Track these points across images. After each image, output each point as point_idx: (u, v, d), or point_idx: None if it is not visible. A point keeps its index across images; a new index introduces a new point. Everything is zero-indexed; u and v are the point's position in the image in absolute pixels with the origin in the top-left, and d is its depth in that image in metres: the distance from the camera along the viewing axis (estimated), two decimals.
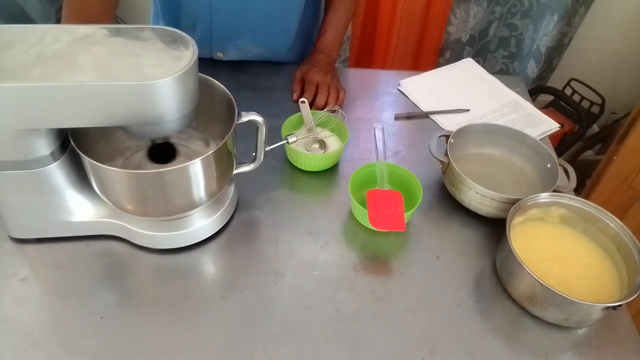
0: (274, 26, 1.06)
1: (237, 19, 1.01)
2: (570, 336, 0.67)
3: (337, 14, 1.08)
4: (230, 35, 1.04)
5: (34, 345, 0.62)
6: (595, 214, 0.73)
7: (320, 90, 0.98)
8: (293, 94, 1.02)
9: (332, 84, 1.00)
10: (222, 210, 0.74)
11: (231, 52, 1.07)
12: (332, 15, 1.08)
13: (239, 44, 1.06)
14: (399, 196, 0.76)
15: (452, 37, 1.93)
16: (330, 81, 1.00)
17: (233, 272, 0.72)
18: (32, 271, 0.70)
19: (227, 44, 1.06)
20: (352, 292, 0.70)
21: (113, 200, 0.67)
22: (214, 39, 1.04)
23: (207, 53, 1.07)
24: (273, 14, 1.03)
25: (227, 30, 1.03)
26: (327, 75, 1.00)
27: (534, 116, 1.04)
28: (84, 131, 0.65)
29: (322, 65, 1.03)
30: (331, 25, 1.07)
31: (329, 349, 0.63)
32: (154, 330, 0.64)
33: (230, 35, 1.04)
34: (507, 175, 0.87)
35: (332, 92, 0.99)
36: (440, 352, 0.64)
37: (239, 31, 1.03)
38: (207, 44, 1.05)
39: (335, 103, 0.98)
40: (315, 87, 0.99)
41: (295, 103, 0.99)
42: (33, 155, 0.61)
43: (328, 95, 0.98)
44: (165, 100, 0.56)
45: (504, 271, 0.71)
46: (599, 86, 1.86)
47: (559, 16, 1.72)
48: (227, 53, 1.07)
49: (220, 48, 1.06)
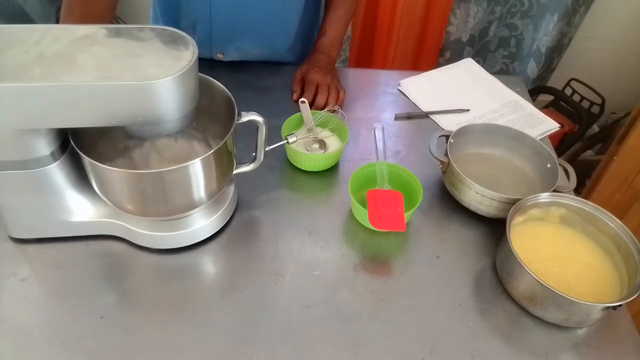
0: (274, 26, 1.05)
1: (237, 19, 1.01)
2: (570, 336, 0.67)
3: (338, 14, 1.08)
4: (230, 36, 1.04)
5: (34, 345, 0.62)
6: (595, 214, 0.73)
7: (320, 90, 0.98)
8: (293, 94, 1.02)
9: (332, 84, 1.00)
10: (222, 210, 0.74)
11: (231, 53, 1.07)
12: (332, 15, 1.08)
13: (238, 45, 1.06)
14: (399, 196, 0.76)
15: (452, 37, 1.93)
16: (330, 81, 1.00)
17: (233, 272, 0.72)
18: (32, 271, 0.70)
19: (227, 45, 1.06)
20: (352, 292, 0.70)
21: (113, 201, 0.67)
22: (213, 40, 1.04)
23: (207, 54, 1.07)
24: (273, 14, 1.03)
25: (226, 31, 1.03)
26: (327, 75, 1.00)
27: (534, 116, 1.04)
28: (84, 131, 0.65)
29: (322, 65, 1.03)
30: (331, 25, 1.07)
31: (329, 349, 0.63)
32: (154, 330, 0.64)
33: (230, 36, 1.04)
34: (507, 175, 0.87)
35: (332, 92, 0.99)
36: (440, 352, 0.64)
37: (239, 32, 1.03)
38: (207, 44, 1.05)
39: (335, 103, 0.98)
40: (316, 87, 0.99)
41: (295, 103, 0.99)
42: (33, 155, 0.61)
43: (328, 95, 0.98)
44: (165, 100, 0.56)
45: (504, 271, 0.71)
46: (599, 86, 1.86)
47: (559, 16, 1.72)
48: (227, 54, 1.07)
49: (220, 49, 1.06)
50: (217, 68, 1.08)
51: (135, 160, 0.76)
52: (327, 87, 0.99)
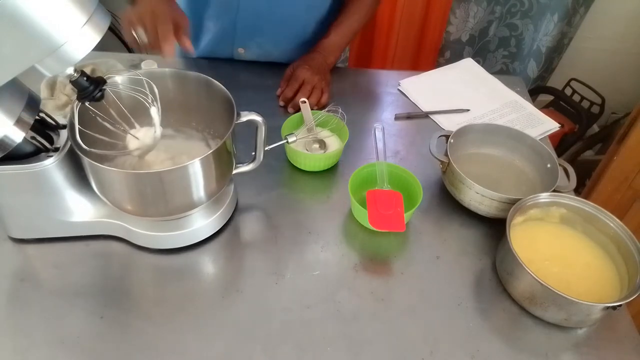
0: (297, 29, 1.06)
1: (262, 18, 1.02)
2: (570, 336, 0.67)
3: (348, 22, 1.06)
4: (253, 32, 1.04)
5: (34, 345, 0.62)
6: (595, 214, 0.73)
7: (302, 89, 0.96)
8: (279, 89, 1.00)
9: (317, 85, 0.98)
10: (221, 210, 0.74)
11: (252, 50, 1.08)
12: (342, 20, 1.06)
13: (260, 42, 1.06)
14: (399, 196, 0.76)
15: (452, 37, 1.93)
16: (317, 82, 0.98)
17: (233, 272, 0.72)
18: (32, 271, 0.70)
19: (250, 40, 1.06)
20: (352, 292, 0.70)
21: (112, 201, 0.67)
22: (237, 34, 1.05)
23: (229, 48, 1.08)
24: (297, 16, 1.04)
25: (251, 27, 1.03)
26: (315, 76, 0.98)
27: (534, 116, 1.04)
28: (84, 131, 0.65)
29: (314, 64, 1.01)
30: (337, 31, 1.05)
31: (329, 349, 0.63)
32: (154, 330, 0.64)
33: (253, 32, 1.04)
34: (507, 175, 0.87)
35: (315, 92, 0.97)
36: (440, 352, 0.64)
37: (263, 29, 1.04)
38: (230, 37, 1.05)
39: (316, 104, 0.96)
40: (300, 85, 0.97)
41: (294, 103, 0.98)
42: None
43: (310, 94, 0.96)
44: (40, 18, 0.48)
45: (504, 271, 0.71)
46: (599, 86, 1.86)
47: (559, 16, 1.72)
48: (248, 50, 1.08)
49: (242, 43, 1.07)
50: (218, 68, 1.08)
51: (135, 160, 0.76)
52: (311, 86, 0.97)
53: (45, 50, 0.50)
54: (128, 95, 0.67)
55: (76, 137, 0.61)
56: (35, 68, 0.52)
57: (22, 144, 0.61)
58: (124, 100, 0.68)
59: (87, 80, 0.57)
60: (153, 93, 0.65)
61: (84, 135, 0.63)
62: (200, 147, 0.79)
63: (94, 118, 0.65)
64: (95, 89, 0.58)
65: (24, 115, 0.60)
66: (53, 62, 0.52)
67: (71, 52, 0.51)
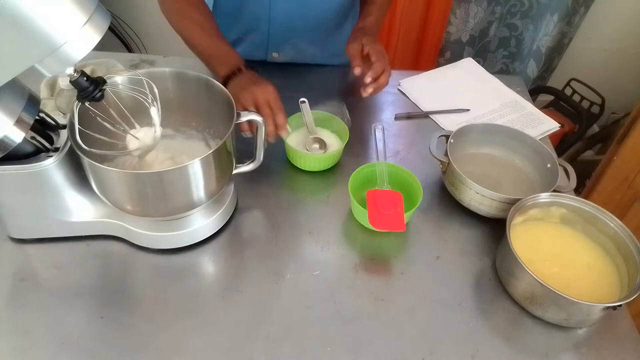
0: (329, 29, 1.07)
1: (295, 20, 1.03)
2: (570, 336, 0.67)
3: (375, 6, 1.04)
4: (287, 36, 1.05)
5: (34, 345, 0.62)
6: (595, 214, 0.73)
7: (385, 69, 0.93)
8: (355, 69, 0.94)
9: (387, 66, 0.94)
10: (221, 210, 0.74)
11: (287, 52, 1.09)
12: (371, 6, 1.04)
13: (295, 43, 1.07)
14: (398, 196, 0.76)
15: (452, 37, 1.93)
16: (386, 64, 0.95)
17: (233, 272, 0.72)
18: (32, 271, 0.70)
19: (284, 44, 1.07)
20: (352, 292, 0.70)
21: (112, 201, 0.67)
22: (270, 40, 1.06)
23: (262, 54, 1.09)
24: (329, 16, 1.04)
25: (284, 31, 1.04)
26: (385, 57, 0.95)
27: (534, 116, 1.04)
28: (84, 131, 0.65)
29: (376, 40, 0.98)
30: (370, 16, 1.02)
31: (329, 349, 0.63)
32: (154, 330, 0.64)
33: (287, 36, 1.05)
34: (507, 175, 0.87)
35: (386, 73, 0.93)
36: (440, 352, 0.64)
37: (296, 30, 1.05)
38: (264, 43, 1.06)
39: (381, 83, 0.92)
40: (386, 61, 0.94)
41: (295, 103, 0.98)
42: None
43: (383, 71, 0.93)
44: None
45: (504, 271, 0.71)
46: (599, 86, 1.86)
47: (559, 16, 1.72)
48: (283, 52, 1.09)
49: (276, 48, 1.08)
50: None
51: (135, 160, 0.76)
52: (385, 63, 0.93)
53: (45, 50, 0.50)
54: (128, 95, 0.67)
55: (76, 137, 0.61)
56: (35, 68, 0.52)
57: (22, 144, 0.61)
58: (124, 100, 0.68)
59: (87, 80, 0.57)
60: (153, 93, 0.65)
61: (84, 135, 0.63)
62: (200, 147, 0.79)
63: (94, 118, 0.65)
64: (95, 89, 0.58)
65: (24, 115, 0.60)
66: (53, 62, 0.52)
67: (71, 52, 0.52)
